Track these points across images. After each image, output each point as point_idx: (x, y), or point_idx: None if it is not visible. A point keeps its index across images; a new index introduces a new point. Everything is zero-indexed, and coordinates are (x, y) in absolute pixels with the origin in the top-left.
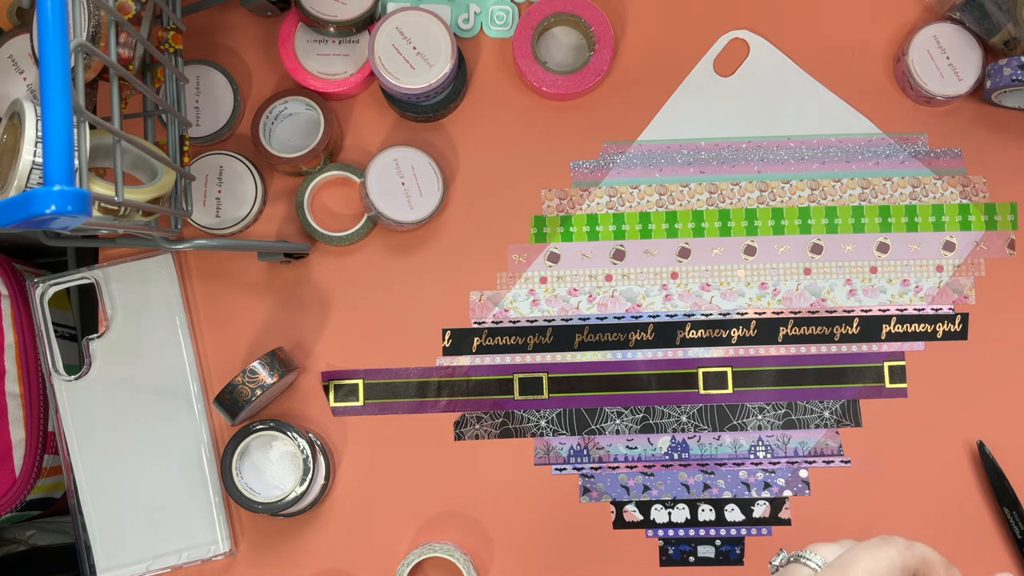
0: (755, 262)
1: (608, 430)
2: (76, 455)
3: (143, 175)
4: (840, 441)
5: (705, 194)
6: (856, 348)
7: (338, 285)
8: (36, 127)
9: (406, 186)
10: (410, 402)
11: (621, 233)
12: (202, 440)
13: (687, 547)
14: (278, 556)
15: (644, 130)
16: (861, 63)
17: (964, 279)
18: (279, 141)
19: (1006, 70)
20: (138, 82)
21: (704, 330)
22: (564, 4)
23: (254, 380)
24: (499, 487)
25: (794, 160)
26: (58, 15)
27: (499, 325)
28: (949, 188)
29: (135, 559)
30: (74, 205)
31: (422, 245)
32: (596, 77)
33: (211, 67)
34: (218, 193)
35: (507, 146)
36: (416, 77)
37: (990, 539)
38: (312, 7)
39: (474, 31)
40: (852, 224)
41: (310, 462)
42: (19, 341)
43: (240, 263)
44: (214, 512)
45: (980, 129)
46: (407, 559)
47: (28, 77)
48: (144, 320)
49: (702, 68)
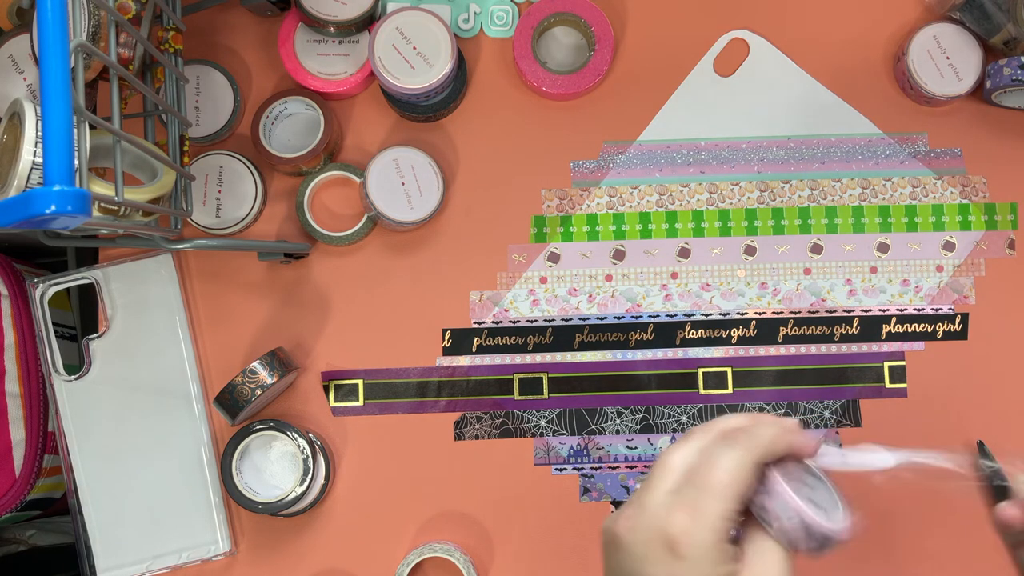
0: (755, 262)
1: (608, 430)
2: (76, 455)
3: (143, 175)
4: (840, 441)
5: (705, 194)
6: (856, 348)
7: (338, 285)
8: (36, 127)
9: (406, 186)
10: (410, 402)
11: (621, 233)
12: (202, 440)
13: None
14: (278, 556)
15: (644, 130)
16: (861, 63)
17: (964, 279)
18: (279, 141)
19: (1006, 70)
20: (138, 82)
21: (704, 330)
22: (564, 4)
23: (254, 380)
24: (499, 487)
25: (794, 160)
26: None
27: (499, 325)
28: (949, 188)
29: (135, 559)
30: (74, 205)
31: (422, 245)
32: (596, 77)
33: (211, 67)
34: (218, 193)
35: (507, 146)
36: (416, 77)
37: (990, 539)
38: (312, 7)
39: (474, 31)
40: (852, 224)
41: (310, 462)
42: (19, 341)
43: (240, 263)
44: (214, 512)
45: (980, 129)
46: (407, 559)
47: (28, 77)
48: (144, 320)
49: (702, 68)
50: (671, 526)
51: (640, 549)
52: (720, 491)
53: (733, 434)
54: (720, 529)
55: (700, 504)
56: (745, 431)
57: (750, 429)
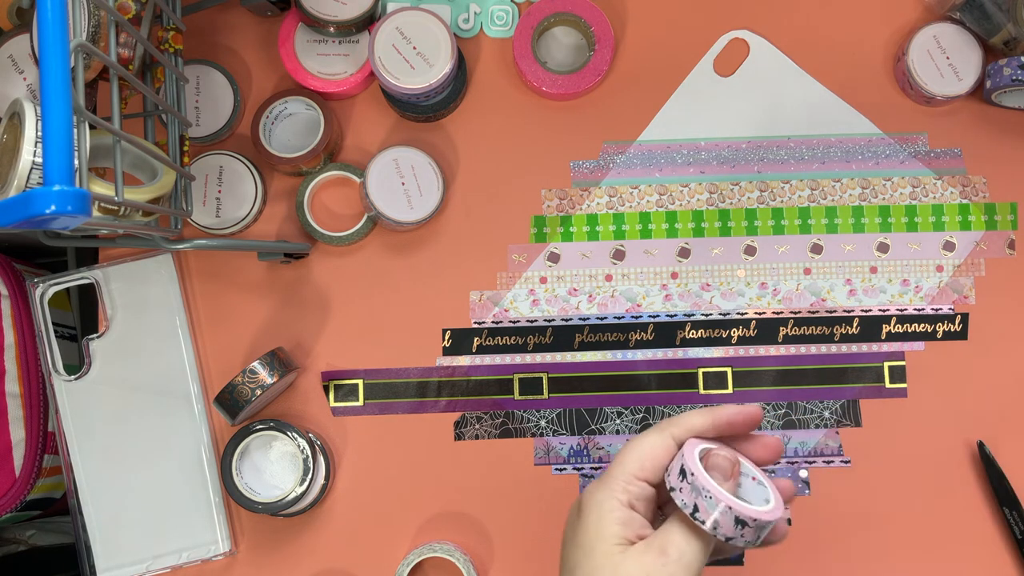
0: (755, 262)
1: (608, 430)
2: (76, 455)
3: (143, 175)
4: (840, 441)
5: (705, 194)
6: (856, 348)
7: (338, 285)
8: (36, 127)
9: (406, 186)
10: (410, 402)
11: (621, 233)
12: (202, 440)
13: None
14: (278, 556)
15: (644, 130)
16: (861, 63)
17: (964, 279)
18: (279, 141)
19: (1006, 70)
20: (138, 82)
21: (704, 330)
22: (564, 4)
23: (254, 380)
24: (499, 487)
25: (794, 160)
26: (58, 15)
27: (499, 325)
28: (949, 188)
29: (135, 559)
30: (74, 205)
31: (422, 245)
32: (596, 77)
33: (211, 67)
34: (218, 193)
35: (507, 146)
36: (416, 77)
37: (990, 539)
38: (312, 7)
39: (474, 31)
40: (852, 224)
41: (310, 462)
42: (19, 341)
43: (240, 263)
44: (214, 512)
45: (980, 129)
46: (407, 559)
47: (28, 77)
48: (144, 320)
49: (702, 68)
50: (584, 492)
51: (570, 516)
52: (622, 458)
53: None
54: (619, 493)
55: (608, 472)
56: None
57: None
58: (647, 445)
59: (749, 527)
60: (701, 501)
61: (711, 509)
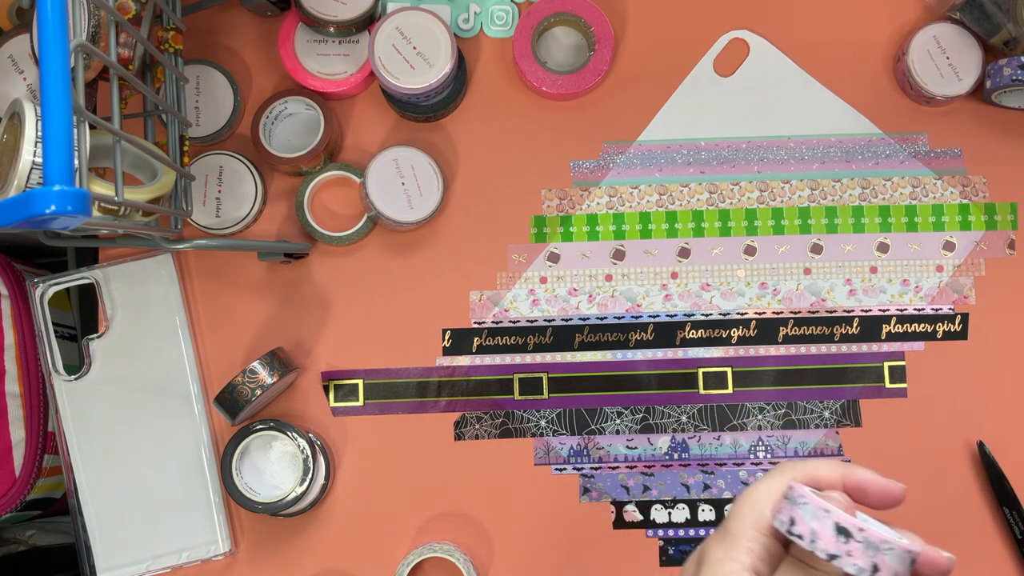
0: (755, 262)
1: (608, 430)
2: (76, 455)
3: (143, 175)
4: (840, 441)
5: (705, 194)
6: (856, 348)
7: (338, 285)
8: (36, 127)
9: (406, 186)
10: (410, 402)
11: (621, 233)
12: (202, 440)
13: (687, 547)
14: (278, 556)
15: (644, 130)
16: (861, 63)
17: (964, 279)
18: (279, 141)
19: (1006, 70)
20: (138, 82)
21: (704, 330)
22: (564, 4)
23: (254, 380)
24: (499, 487)
25: (794, 160)
26: (58, 15)
27: (499, 325)
28: (949, 188)
29: (135, 559)
30: (74, 205)
31: (422, 245)
32: (596, 77)
33: (211, 67)
34: (218, 193)
35: (507, 146)
36: (416, 77)
37: (990, 539)
38: (312, 7)
39: (474, 31)
40: (852, 224)
41: (310, 462)
42: (19, 341)
43: (240, 263)
44: (214, 512)
45: (980, 129)
46: (407, 559)
47: (28, 77)
48: (144, 320)
49: (702, 68)
50: (705, 544)
51: (686, 569)
52: (739, 508)
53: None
54: (741, 554)
55: (725, 525)
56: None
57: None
58: (766, 492)
59: (887, 546)
60: (882, 557)
61: (895, 563)
